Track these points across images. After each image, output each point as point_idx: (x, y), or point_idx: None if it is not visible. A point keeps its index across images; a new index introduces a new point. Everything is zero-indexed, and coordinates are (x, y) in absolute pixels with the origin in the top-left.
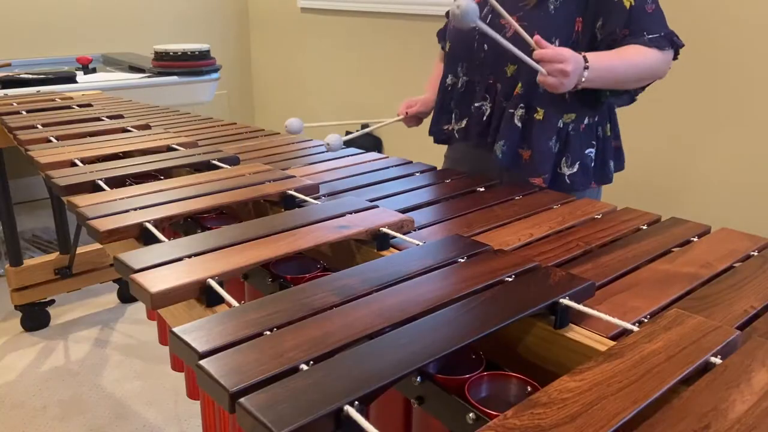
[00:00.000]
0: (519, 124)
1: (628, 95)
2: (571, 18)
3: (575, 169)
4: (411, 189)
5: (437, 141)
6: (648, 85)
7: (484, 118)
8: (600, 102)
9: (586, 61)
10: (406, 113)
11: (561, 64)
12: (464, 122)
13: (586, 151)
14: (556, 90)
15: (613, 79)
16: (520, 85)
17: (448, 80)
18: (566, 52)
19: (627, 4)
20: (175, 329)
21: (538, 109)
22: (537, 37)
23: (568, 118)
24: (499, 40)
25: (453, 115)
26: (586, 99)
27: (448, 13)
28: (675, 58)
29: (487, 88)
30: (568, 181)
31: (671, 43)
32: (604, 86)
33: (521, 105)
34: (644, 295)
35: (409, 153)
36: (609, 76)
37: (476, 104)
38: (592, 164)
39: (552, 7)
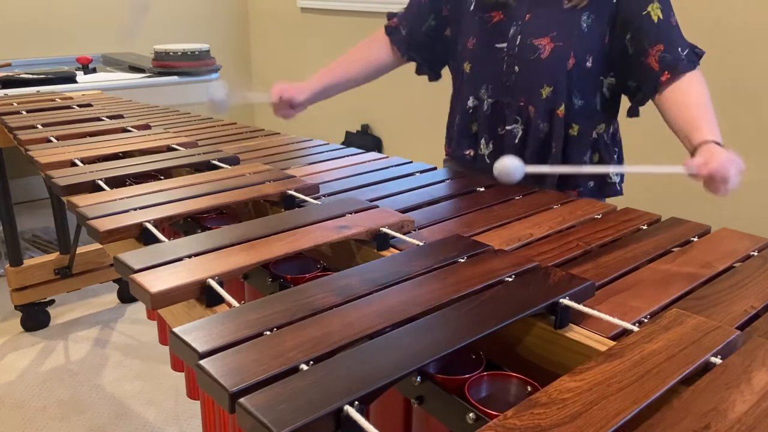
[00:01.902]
0: (553, 143)
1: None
2: (603, 33)
3: (620, 177)
4: (411, 189)
5: (461, 163)
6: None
7: (516, 141)
8: (616, 109)
9: (719, 144)
10: (279, 98)
11: (723, 179)
12: (491, 145)
13: (615, 156)
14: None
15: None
16: (564, 107)
17: (470, 102)
18: (719, 166)
19: (655, 18)
20: (175, 329)
21: (573, 125)
22: (687, 162)
23: (600, 129)
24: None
25: (482, 140)
26: (611, 108)
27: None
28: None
29: (518, 111)
30: (618, 188)
31: (697, 56)
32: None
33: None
34: (644, 295)
35: (409, 153)
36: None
37: (508, 127)
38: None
39: (585, 25)
